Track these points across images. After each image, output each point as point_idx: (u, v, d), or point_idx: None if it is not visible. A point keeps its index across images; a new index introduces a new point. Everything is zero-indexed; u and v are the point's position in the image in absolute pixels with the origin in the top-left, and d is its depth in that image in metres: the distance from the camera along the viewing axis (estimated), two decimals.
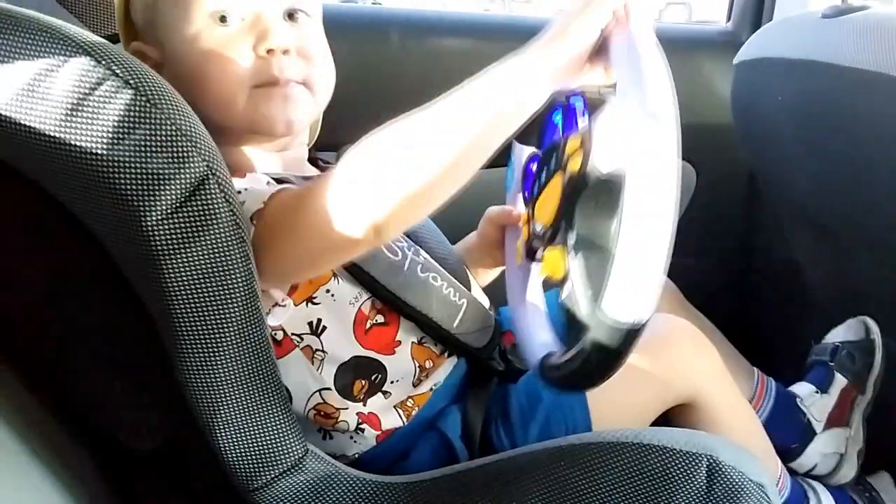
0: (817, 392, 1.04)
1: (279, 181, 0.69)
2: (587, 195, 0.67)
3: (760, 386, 1.04)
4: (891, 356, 1.05)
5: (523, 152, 0.87)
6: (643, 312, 0.52)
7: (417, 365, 0.79)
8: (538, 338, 0.75)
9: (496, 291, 0.92)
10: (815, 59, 0.95)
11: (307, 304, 0.73)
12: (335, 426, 0.76)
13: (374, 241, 0.59)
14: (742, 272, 1.57)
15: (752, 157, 1.27)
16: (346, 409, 0.76)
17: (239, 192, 0.62)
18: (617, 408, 0.78)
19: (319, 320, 0.74)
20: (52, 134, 0.51)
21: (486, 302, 0.87)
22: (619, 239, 0.51)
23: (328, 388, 0.75)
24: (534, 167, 0.82)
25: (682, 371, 0.81)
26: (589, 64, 0.60)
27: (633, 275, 0.51)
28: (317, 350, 0.74)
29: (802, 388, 1.06)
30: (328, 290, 0.74)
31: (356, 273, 0.74)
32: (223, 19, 0.70)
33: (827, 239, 1.14)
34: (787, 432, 1.02)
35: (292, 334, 0.73)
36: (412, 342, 0.79)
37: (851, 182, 0.94)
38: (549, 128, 0.77)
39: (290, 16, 0.74)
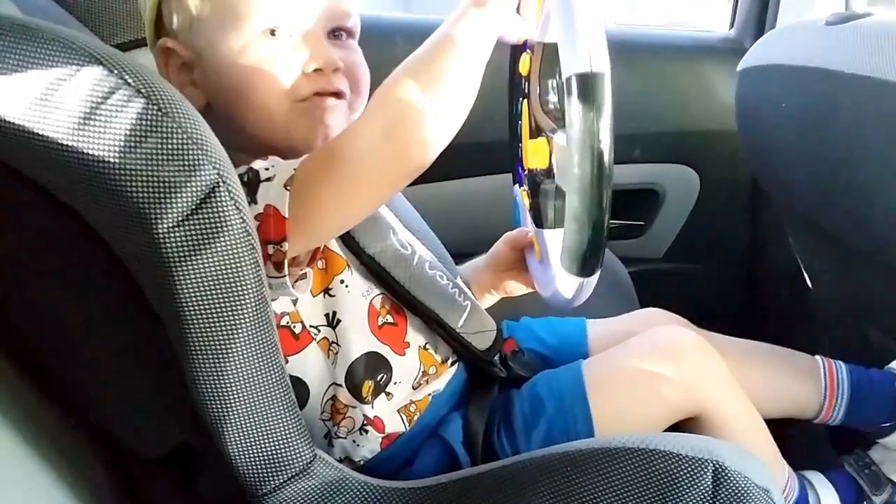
0: None
1: None
2: (544, 71, 0.77)
3: (830, 379, 1.00)
4: (889, 357, 1.04)
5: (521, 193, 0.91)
6: (597, 60, 0.58)
7: (422, 369, 0.80)
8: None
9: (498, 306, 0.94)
10: (819, 66, 0.96)
11: (324, 296, 0.75)
12: (341, 423, 0.77)
13: (420, 161, 0.64)
14: (746, 277, 1.58)
15: (756, 164, 1.28)
16: (355, 407, 0.77)
17: (266, 169, 0.65)
18: (620, 419, 0.79)
19: (335, 312, 0.75)
20: (65, 142, 0.52)
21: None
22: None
23: (340, 385, 0.76)
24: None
25: (688, 382, 0.81)
26: None
27: (574, 31, 0.59)
28: (332, 343, 0.75)
29: None
30: (342, 281, 0.75)
31: (367, 263, 0.76)
32: (273, 33, 0.71)
33: (831, 245, 1.14)
34: (874, 412, 0.99)
35: (310, 326, 0.74)
36: (419, 346, 0.80)
37: (855, 189, 0.94)
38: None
39: (336, 34, 0.75)
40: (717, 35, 1.58)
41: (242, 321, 0.58)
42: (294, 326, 0.74)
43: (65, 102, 0.52)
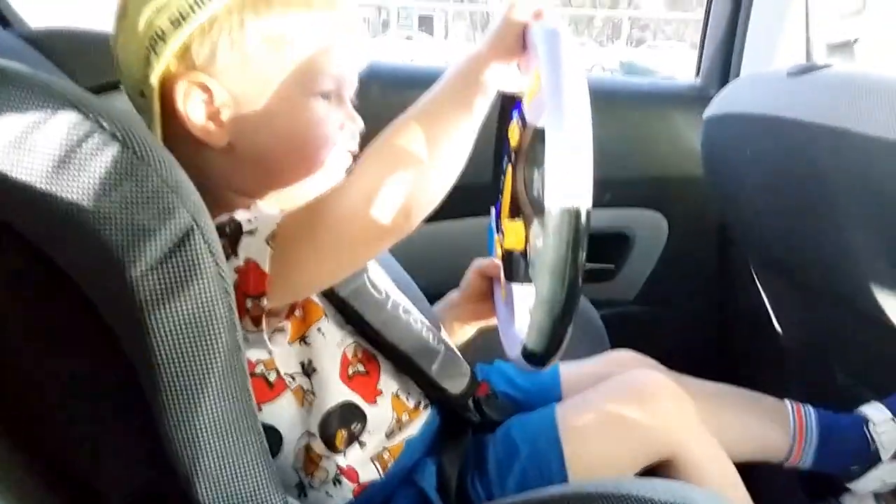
0: (894, 419, 1.00)
1: None
2: (531, 155, 0.78)
3: (798, 423, 1.01)
4: (856, 401, 1.05)
5: None
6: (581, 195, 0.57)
7: (395, 417, 0.79)
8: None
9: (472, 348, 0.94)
10: (782, 116, 0.99)
11: (300, 343, 0.74)
12: (314, 473, 0.76)
13: (403, 227, 0.63)
14: (715, 320, 1.60)
15: (723, 209, 1.30)
16: (328, 457, 0.76)
17: (249, 221, 0.65)
18: (594, 463, 0.79)
19: (310, 360, 0.74)
20: (39, 187, 0.51)
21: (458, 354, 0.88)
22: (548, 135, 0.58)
23: (314, 435, 0.75)
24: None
25: (660, 426, 0.81)
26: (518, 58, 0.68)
27: (564, 161, 0.58)
28: (307, 391, 0.74)
29: (878, 413, 1.00)
30: (319, 329, 0.74)
31: (341, 308, 0.75)
32: (325, 96, 0.73)
33: (798, 289, 1.16)
34: (842, 455, 1.00)
35: (285, 374, 0.73)
36: (391, 393, 0.80)
37: (821, 234, 0.96)
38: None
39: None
40: (684, 83, 1.62)
41: (214, 366, 0.58)
42: (269, 374, 0.73)
43: (39, 147, 0.52)
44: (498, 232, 0.87)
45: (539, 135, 0.77)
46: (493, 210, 0.91)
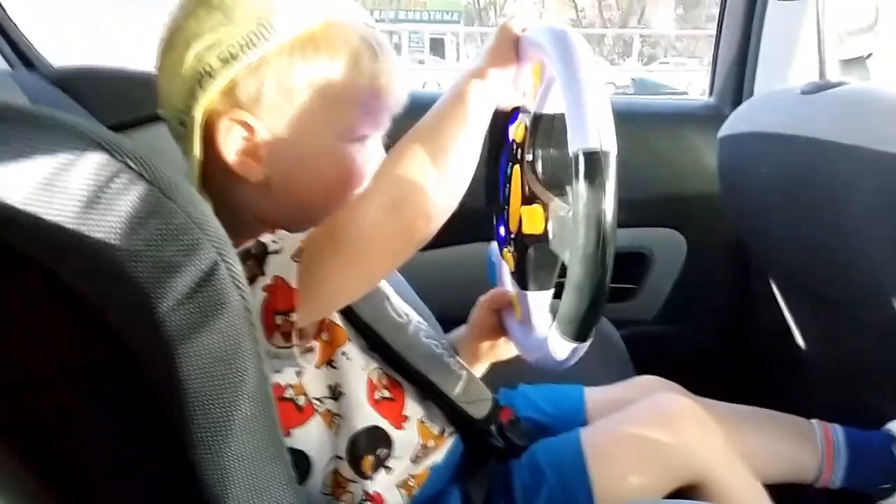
0: None
1: None
2: (539, 140, 0.80)
3: (827, 443, 1.00)
4: (881, 417, 1.05)
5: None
6: (606, 138, 0.61)
7: (421, 443, 0.80)
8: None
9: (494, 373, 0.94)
10: (797, 134, 0.99)
11: (328, 368, 0.75)
12: (341, 497, 0.76)
13: (421, 235, 0.66)
14: (737, 337, 1.59)
15: (742, 228, 1.30)
16: (356, 482, 0.76)
17: (274, 242, 0.66)
18: (621, 487, 0.78)
19: (338, 384, 0.75)
20: (69, 226, 0.53)
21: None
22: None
23: (342, 458, 0.75)
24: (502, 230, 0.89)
25: (686, 450, 0.81)
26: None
27: (583, 108, 0.61)
28: (335, 415, 0.75)
29: None
30: (344, 353, 0.75)
31: (365, 332, 0.77)
32: (362, 140, 0.75)
33: (819, 305, 1.16)
34: (872, 474, 0.99)
35: (314, 398, 0.74)
36: (417, 419, 0.80)
37: (842, 252, 0.96)
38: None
39: None
40: (697, 102, 1.63)
41: (242, 398, 0.59)
42: (298, 399, 0.74)
43: (69, 188, 0.53)
44: (506, 245, 0.87)
45: (545, 119, 0.79)
46: (497, 229, 0.91)
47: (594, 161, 0.60)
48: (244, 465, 0.61)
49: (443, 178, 0.66)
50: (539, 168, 0.82)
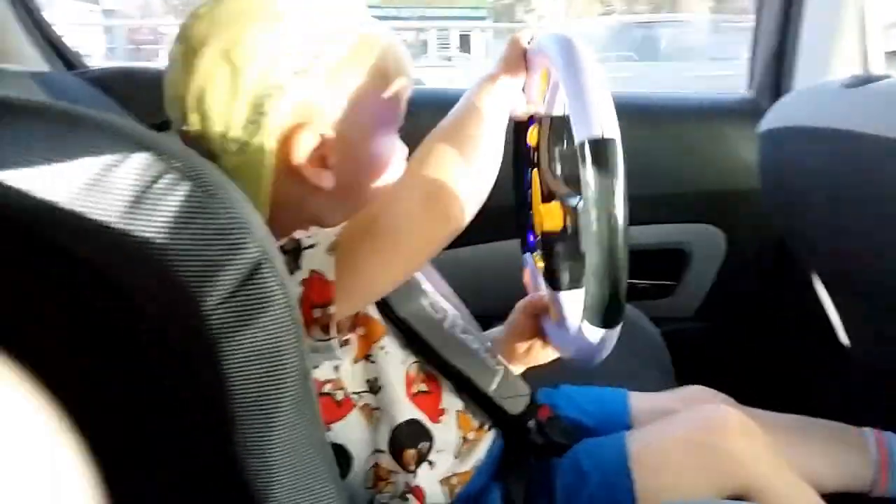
0: None
1: None
2: (552, 139, 0.84)
3: (881, 451, 0.99)
4: None
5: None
6: (608, 126, 0.63)
7: (461, 436, 0.80)
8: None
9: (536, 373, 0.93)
10: (840, 128, 0.97)
11: (366, 362, 0.76)
12: (383, 489, 0.77)
13: (454, 225, 0.69)
14: (777, 333, 1.56)
15: (784, 224, 1.28)
16: (398, 474, 0.77)
17: (308, 237, 0.68)
18: (664, 495, 0.78)
19: (376, 378, 0.76)
20: (115, 226, 0.53)
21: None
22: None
23: (383, 451, 0.76)
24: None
25: (733, 460, 0.80)
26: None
27: (584, 100, 0.64)
28: (374, 409, 0.76)
29: None
30: (382, 347, 0.77)
31: (402, 327, 0.78)
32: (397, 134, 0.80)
33: (865, 303, 1.14)
34: None
35: (352, 393, 0.75)
36: (455, 411, 0.81)
37: (884, 248, 0.94)
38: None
39: None
40: (735, 96, 1.60)
41: (286, 395, 0.59)
42: (336, 394, 0.75)
43: (114, 187, 0.54)
44: (535, 248, 0.88)
45: (555, 120, 0.84)
46: (528, 236, 0.92)
47: (598, 148, 0.62)
48: (288, 463, 0.61)
49: (471, 172, 0.69)
50: (555, 168, 0.86)
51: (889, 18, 1.10)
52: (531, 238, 0.92)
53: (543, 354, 0.92)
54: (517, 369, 0.94)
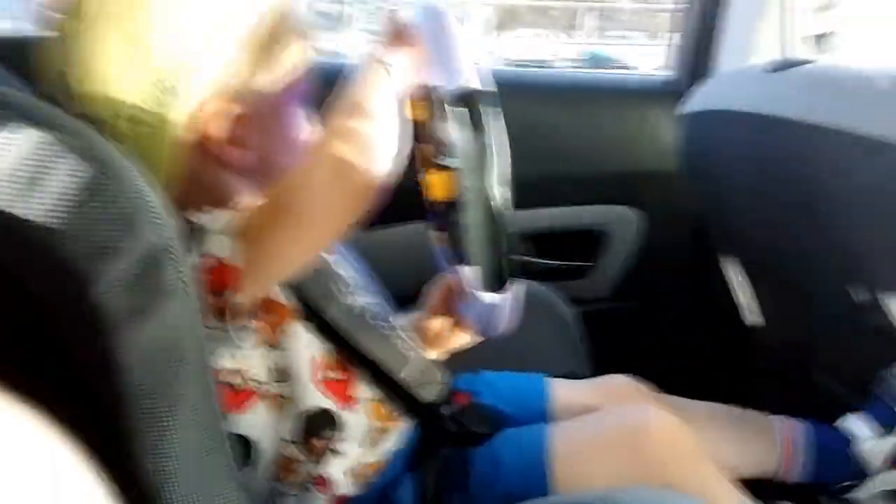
0: (875, 435, 1.00)
1: None
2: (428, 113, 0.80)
3: (786, 440, 1.01)
4: (835, 401, 1.05)
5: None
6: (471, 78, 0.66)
7: (372, 426, 0.77)
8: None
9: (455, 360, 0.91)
10: (763, 113, 0.97)
11: (270, 348, 0.73)
12: (287, 479, 0.75)
13: (360, 201, 0.68)
14: (692, 315, 1.58)
15: (701, 206, 1.29)
16: (303, 464, 0.74)
17: (210, 218, 0.66)
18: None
19: (280, 364, 0.73)
20: (4, 209, 0.48)
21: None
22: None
23: (287, 441, 0.74)
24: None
25: (657, 462, 0.78)
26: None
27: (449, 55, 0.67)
28: (278, 397, 0.73)
29: (860, 428, 1.00)
30: (287, 331, 0.74)
31: (311, 311, 0.75)
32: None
33: (780, 286, 1.15)
34: (838, 471, 1.00)
35: (253, 380, 0.72)
36: (366, 399, 0.78)
37: (804, 232, 0.95)
38: None
39: None
40: (656, 77, 1.60)
41: (186, 389, 0.55)
42: (235, 381, 0.71)
43: (6, 165, 0.48)
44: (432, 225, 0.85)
45: (436, 91, 0.79)
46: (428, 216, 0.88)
47: (465, 99, 0.64)
48: (185, 461, 0.57)
49: (373, 149, 0.68)
50: (439, 137, 0.81)
51: (820, 1, 1.10)
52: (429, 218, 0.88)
53: (458, 338, 0.89)
54: (434, 355, 0.91)
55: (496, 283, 0.67)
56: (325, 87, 0.74)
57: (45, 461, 0.39)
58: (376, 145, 0.68)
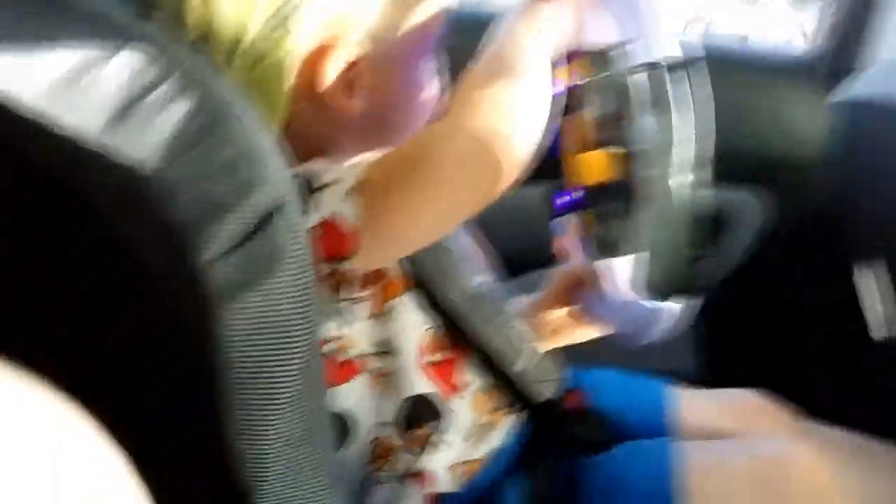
0: None
1: None
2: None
3: None
4: None
5: None
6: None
7: (476, 419, 0.71)
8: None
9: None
10: None
11: (377, 320, 0.67)
12: (383, 468, 0.69)
13: (504, 182, 0.61)
14: (809, 320, 1.46)
15: (845, 204, 1.16)
16: (401, 454, 0.69)
17: (327, 172, 0.59)
18: None
19: (387, 340, 0.67)
20: (91, 138, 0.41)
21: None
22: None
23: (387, 424, 0.68)
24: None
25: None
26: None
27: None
28: (378, 371, 0.67)
29: None
30: (399, 306, 0.67)
31: (425, 288, 0.69)
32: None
33: None
34: None
35: (358, 355, 0.66)
36: (472, 390, 0.72)
37: None
38: None
39: None
40: (805, 55, 1.45)
41: (292, 371, 0.49)
42: (340, 353, 0.65)
43: (94, 90, 0.42)
44: (566, 196, 0.75)
45: (596, 56, 0.69)
46: (555, 200, 0.79)
47: (676, 71, 0.58)
48: (286, 449, 0.51)
49: (524, 122, 0.61)
50: (610, 111, 0.71)
51: None
52: (566, 198, 0.78)
53: (580, 333, 0.83)
54: (545, 347, 0.84)
55: (666, 288, 0.60)
56: (466, 40, 0.67)
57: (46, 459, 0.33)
58: (528, 116, 0.61)
